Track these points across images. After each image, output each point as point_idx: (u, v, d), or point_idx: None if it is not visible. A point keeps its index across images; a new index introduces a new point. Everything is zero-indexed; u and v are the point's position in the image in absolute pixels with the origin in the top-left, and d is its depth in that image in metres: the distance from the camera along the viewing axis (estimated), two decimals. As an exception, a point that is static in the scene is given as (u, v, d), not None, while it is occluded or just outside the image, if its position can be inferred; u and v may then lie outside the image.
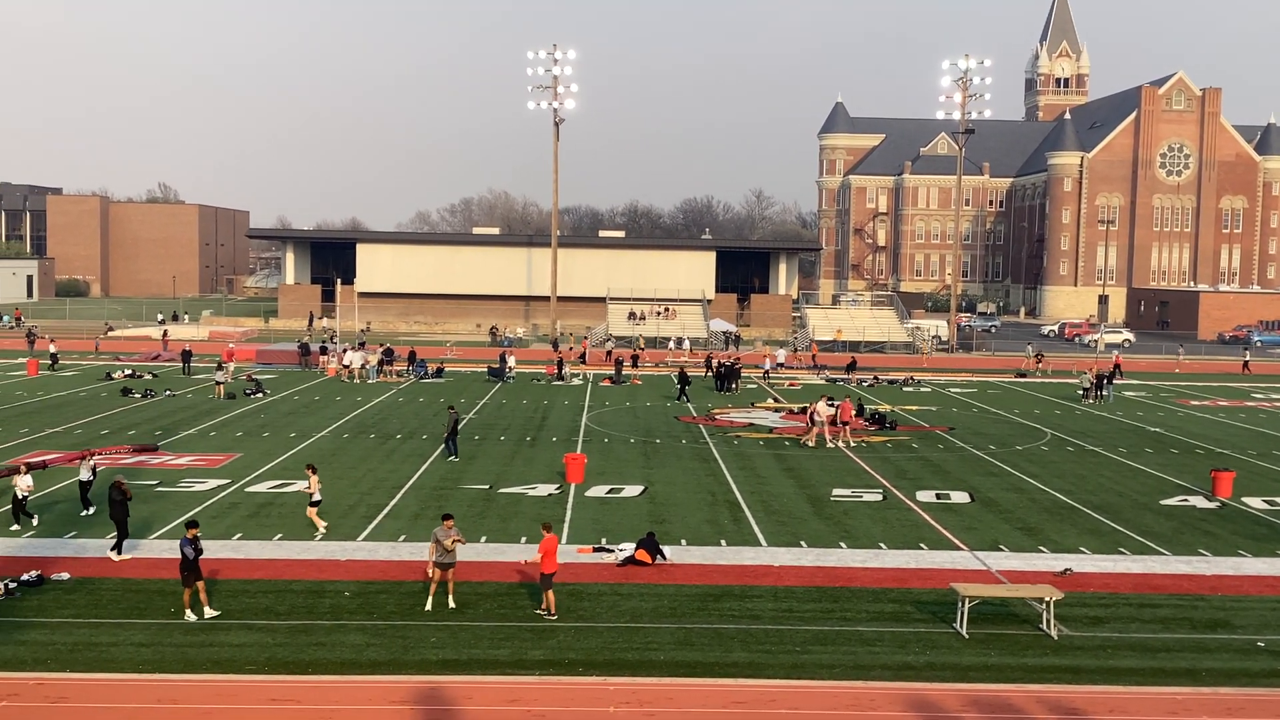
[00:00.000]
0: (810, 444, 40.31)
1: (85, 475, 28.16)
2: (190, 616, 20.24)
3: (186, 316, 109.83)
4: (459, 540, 21.46)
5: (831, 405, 41.93)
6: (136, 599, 21.50)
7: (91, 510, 27.83)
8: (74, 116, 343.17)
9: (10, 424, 42.81)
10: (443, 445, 37.73)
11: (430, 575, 21.48)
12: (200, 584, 20.44)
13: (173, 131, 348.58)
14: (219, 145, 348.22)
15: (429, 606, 21.13)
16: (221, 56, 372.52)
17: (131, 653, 18.66)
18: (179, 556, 20.70)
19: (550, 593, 20.92)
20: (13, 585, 21.70)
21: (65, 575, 22.82)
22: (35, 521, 26.80)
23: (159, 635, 19.52)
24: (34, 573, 22.56)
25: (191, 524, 21.16)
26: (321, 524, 26.94)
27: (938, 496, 32.32)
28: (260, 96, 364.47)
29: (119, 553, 24.28)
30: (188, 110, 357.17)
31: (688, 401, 53.02)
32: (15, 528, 26.31)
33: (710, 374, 61.21)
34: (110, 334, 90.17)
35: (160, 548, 24.92)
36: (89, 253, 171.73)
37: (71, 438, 39.85)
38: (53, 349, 65.11)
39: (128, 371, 60.79)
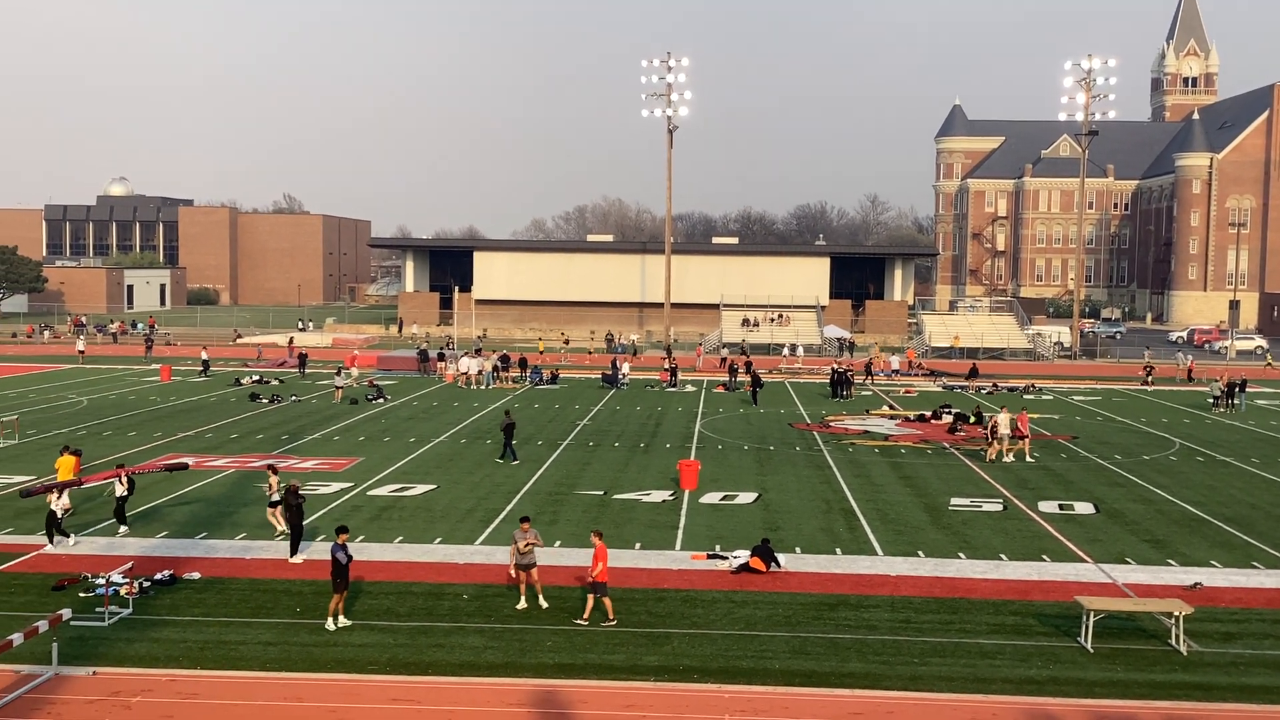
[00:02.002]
0: (993, 458, 38.69)
1: (121, 491, 27.28)
2: (330, 624, 20.36)
3: (312, 324, 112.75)
4: (533, 542, 21.64)
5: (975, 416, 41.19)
6: (264, 599, 22.12)
7: (125, 528, 27.23)
8: (204, 130, 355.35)
9: (145, 428, 44.45)
10: (504, 449, 38.01)
11: (513, 577, 21.86)
12: (343, 595, 20.54)
13: (297, 143, 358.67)
14: (342, 156, 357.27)
15: (521, 605, 21.45)
16: (343, 72, 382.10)
17: (259, 651, 19.21)
18: (329, 560, 20.82)
19: (594, 598, 20.84)
20: (147, 584, 22.49)
21: (196, 575, 23.58)
22: (72, 541, 25.83)
23: (285, 634, 20.06)
24: (167, 572, 23.37)
25: (341, 529, 21.44)
26: (279, 525, 26.84)
27: (1060, 507, 31.56)
28: (380, 109, 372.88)
29: (294, 554, 24.86)
30: (312, 123, 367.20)
31: (755, 404, 54.14)
32: (49, 548, 25.48)
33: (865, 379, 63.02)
34: (238, 341, 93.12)
35: (283, 549, 25.48)
36: (219, 262, 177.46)
37: (202, 441, 41.20)
38: (204, 355, 67.72)
39: (255, 377, 62.67)
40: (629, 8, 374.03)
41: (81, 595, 21.97)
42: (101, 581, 21.85)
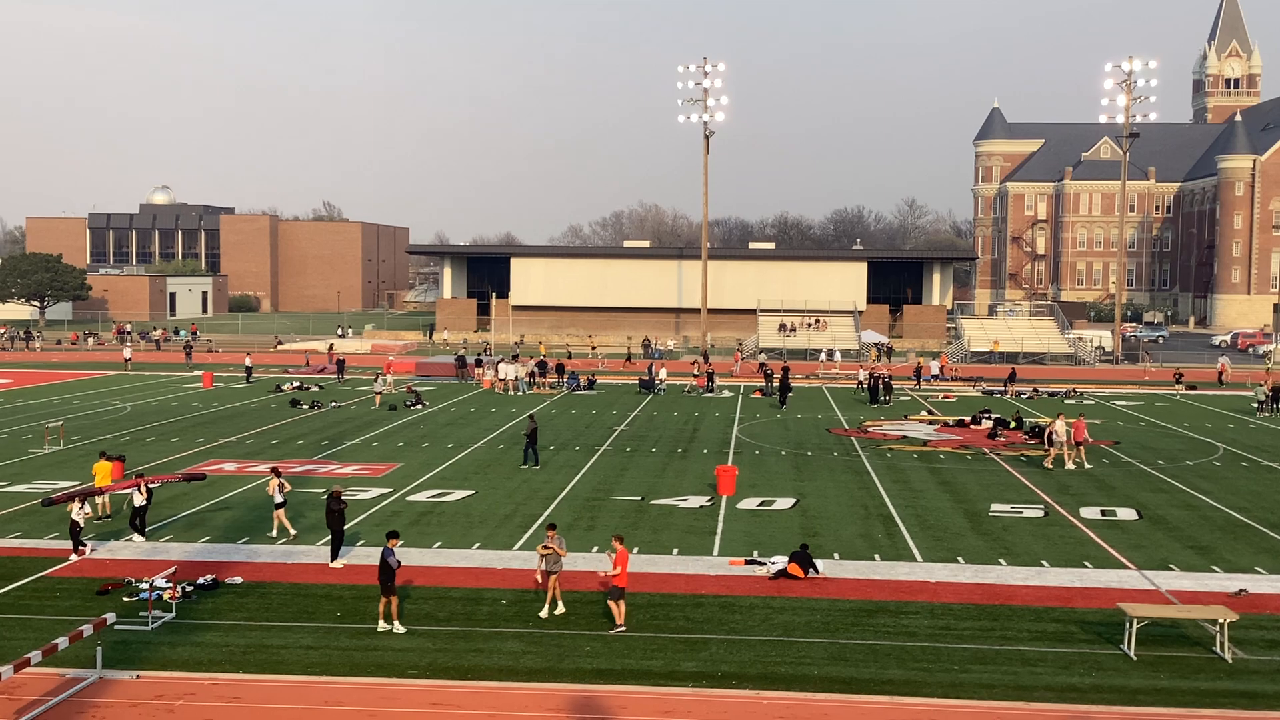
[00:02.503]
0: (1049, 465, 38.10)
1: (139, 501, 27.25)
2: (386, 626, 20.49)
3: (351, 330, 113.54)
4: (552, 548, 21.65)
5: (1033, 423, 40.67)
6: (305, 603, 22.29)
7: (141, 538, 27.10)
8: (245, 139, 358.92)
9: (187, 434, 44.91)
10: (527, 454, 38.24)
11: (539, 582, 21.96)
12: (394, 598, 20.70)
13: (336, 151, 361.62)
14: (380, 163, 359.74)
15: (559, 609, 21.51)
16: (380, 77, 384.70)
17: (300, 655, 19.35)
18: (378, 564, 20.92)
19: (620, 604, 20.83)
20: (190, 589, 22.73)
21: (238, 579, 23.79)
22: (90, 550, 25.77)
23: (326, 639, 20.21)
24: (209, 577, 23.59)
25: (392, 534, 21.58)
26: (290, 528, 27.59)
27: (1103, 513, 31.25)
28: (418, 115, 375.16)
29: (334, 559, 25.09)
30: (350, 130, 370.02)
31: (784, 407, 55.24)
32: (73, 557, 25.42)
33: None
34: (280, 348, 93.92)
35: (324, 554, 25.66)
36: (259, 269, 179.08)
37: (244, 447, 41.58)
38: (248, 362, 68.38)
39: (295, 384, 63.17)
40: (665, 14, 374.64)
41: (125, 599, 22.23)
42: (145, 586, 22.10)
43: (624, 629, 20.63)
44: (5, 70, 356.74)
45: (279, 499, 27.56)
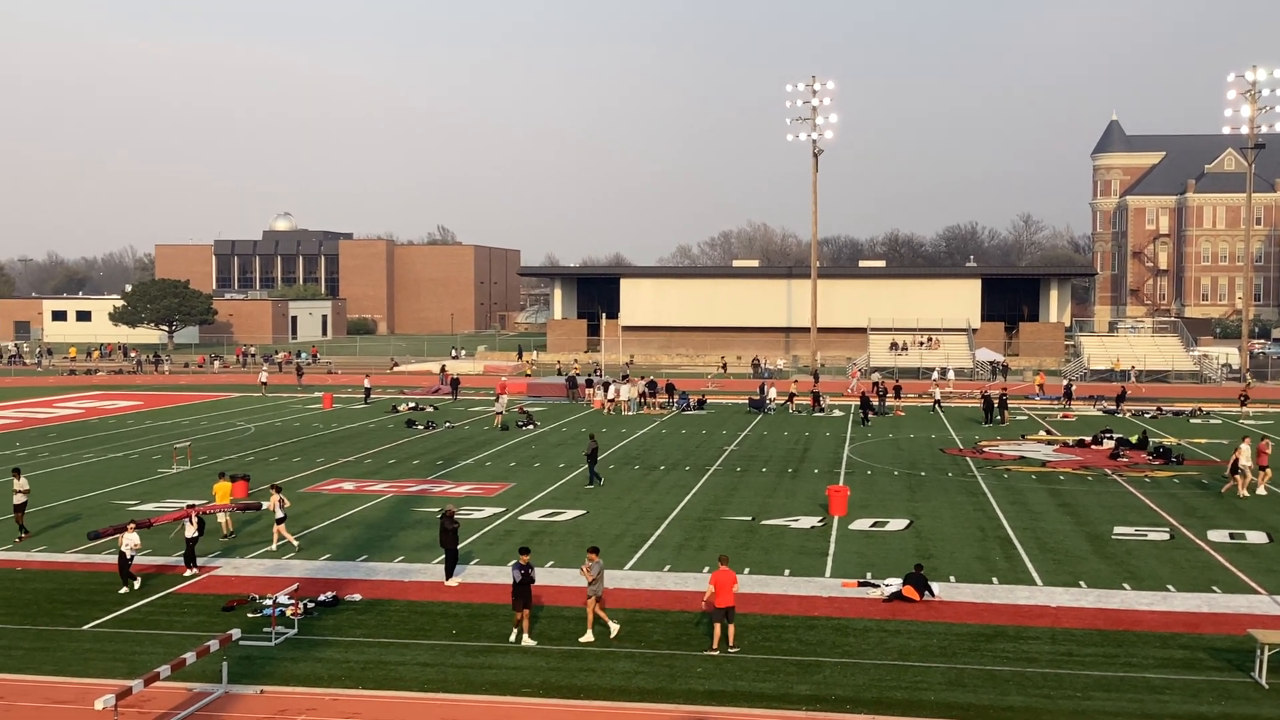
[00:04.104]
0: (1244, 494, 35.87)
1: (191, 532, 26.71)
2: (526, 640, 20.88)
3: (464, 352, 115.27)
4: (583, 572, 21.62)
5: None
6: (421, 620, 22.66)
7: (194, 572, 26.47)
8: (362, 166, 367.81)
9: (309, 453, 46.04)
10: (590, 474, 38.46)
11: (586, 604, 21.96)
12: (525, 612, 21.08)
13: (449, 176, 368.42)
14: (492, 187, 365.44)
15: (587, 636, 21.40)
16: (489, 103, 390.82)
17: (417, 672, 19.67)
18: (509, 582, 21.41)
19: (729, 626, 20.61)
20: (311, 605, 23.27)
21: (357, 597, 24.29)
22: (138, 584, 25.01)
23: (442, 655, 20.51)
24: (330, 594, 24.12)
25: (524, 550, 21.87)
26: (293, 540, 28.61)
27: (1231, 536, 30.20)
28: (527, 139, 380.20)
29: (449, 577, 25.55)
30: (463, 156, 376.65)
31: (867, 424, 55.73)
32: (124, 590, 24.74)
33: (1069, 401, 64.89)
34: (395, 369, 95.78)
35: (439, 572, 26.06)
36: (376, 293, 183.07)
37: (362, 467, 42.47)
38: (366, 384, 70.04)
39: (411, 404, 64.33)
40: (774, 30, 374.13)
41: (250, 616, 22.84)
42: (269, 603, 22.68)
43: (719, 652, 20.45)
44: (134, 106, 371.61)
45: (279, 514, 28.63)
